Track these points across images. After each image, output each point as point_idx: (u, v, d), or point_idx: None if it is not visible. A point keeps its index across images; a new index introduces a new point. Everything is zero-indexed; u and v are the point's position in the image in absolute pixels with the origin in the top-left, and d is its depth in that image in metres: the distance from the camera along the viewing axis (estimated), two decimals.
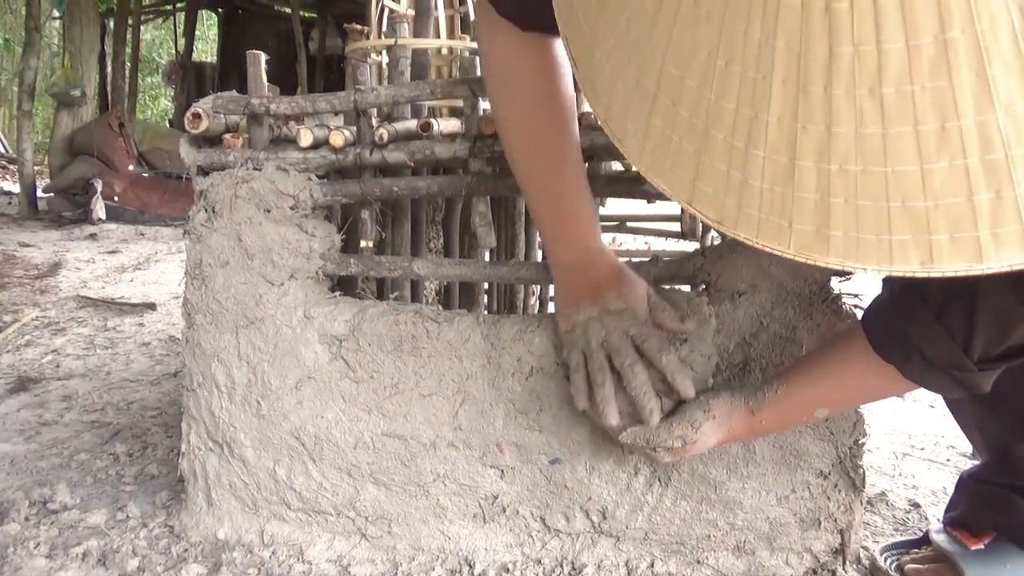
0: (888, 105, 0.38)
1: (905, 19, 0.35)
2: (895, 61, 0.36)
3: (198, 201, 1.12)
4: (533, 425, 1.05)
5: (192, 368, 1.14)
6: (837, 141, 0.39)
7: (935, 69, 0.36)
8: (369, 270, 1.14)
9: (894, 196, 0.40)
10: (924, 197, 0.39)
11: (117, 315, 2.67)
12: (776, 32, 0.38)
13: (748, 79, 0.41)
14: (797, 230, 0.43)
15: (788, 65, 0.39)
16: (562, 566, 1.08)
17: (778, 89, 0.40)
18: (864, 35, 0.36)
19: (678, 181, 0.47)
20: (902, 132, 0.38)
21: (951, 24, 0.35)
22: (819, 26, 0.37)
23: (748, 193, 0.44)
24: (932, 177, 0.38)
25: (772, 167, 0.42)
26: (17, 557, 1.09)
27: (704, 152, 0.44)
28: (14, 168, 7.56)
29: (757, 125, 0.41)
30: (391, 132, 1.09)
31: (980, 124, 0.36)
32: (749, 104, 0.41)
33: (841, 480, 1.03)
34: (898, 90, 0.37)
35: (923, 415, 1.83)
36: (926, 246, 0.40)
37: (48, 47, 9.88)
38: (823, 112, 0.39)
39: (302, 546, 1.13)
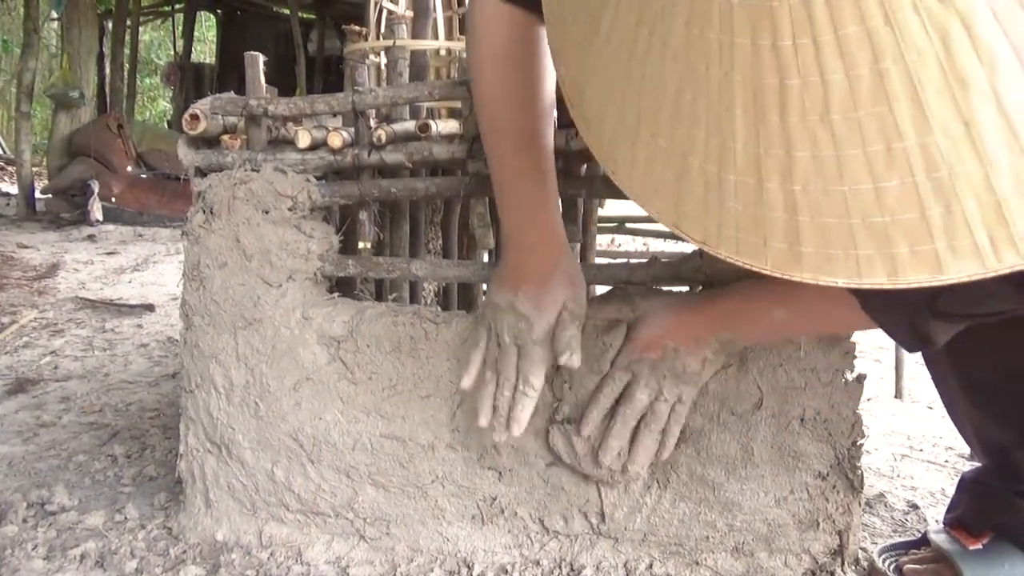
0: (838, 130, 0.41)
1: (842, 53, 0.39)
2: (838, 90, 0.40)
3: (196, 202, 1.12)
4: (529, 427, 1.05)
5: (190, 369, 1.14)
6: (797, 164, 0.43)
7: (874, 96, 0.39)
8: (367, 271, 1.14)
9: (854, 213, 0.42)
10: (881, 213, 0.42)
11: (115, 316, 2.67)
12: (733, 68, 0.42)
13: (713, 111, 0.44)
14: (772, 247, 0.46)
15: (745, 97, 0.42)
16: (561, 567, 1.08)
17: (740, 119, 0.43)
18: (808, 68, 0.40)
19: (664, 206, 0.50)
20: (853, 154, 0.41)
21: (883, 56, 0.38)
22: (768, 62, 0.41)
23: (725, 214, 0.47)
24: (886, 194, 0.41)
25: (743, 189, 0.45)
26: (15, 559, 1.09)
27: (683, 178, 0.48)
28: (12, 169, 7.55)
29: (726, 151, 0.45)
30: (389, 133, 1.09)
31: (922, 145, 0.39)
32: (717, 133, 0.45)
33: (839, 481, 1.03)
34: (844, 116, 0.40)
35: (922, 417, 1.83)
36: (890, 260, 0.43)
37: (46, 48, 9.87)
38: (781, 138, 0.42)
39: (300, 547, 1.13)
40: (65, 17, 6.09)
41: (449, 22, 1.67)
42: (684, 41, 0.43)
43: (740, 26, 0.41)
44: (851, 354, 1.01)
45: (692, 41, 0.43)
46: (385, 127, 1.10)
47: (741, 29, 0.41)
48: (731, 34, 0.41)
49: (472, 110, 1.09)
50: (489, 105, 0.93)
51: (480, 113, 0.95)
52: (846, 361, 1.01)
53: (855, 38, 0.38)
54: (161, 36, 14.02)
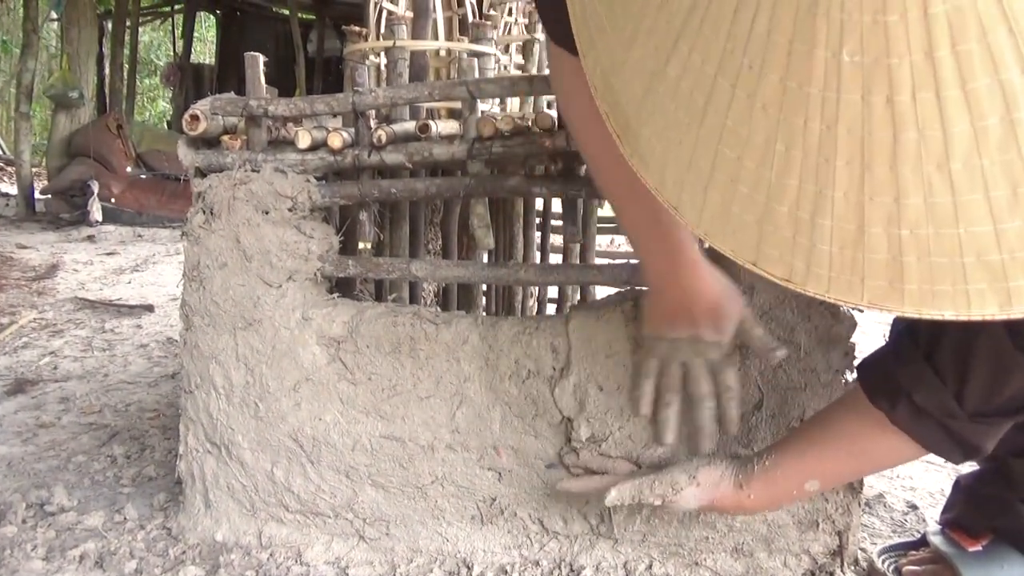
0: (957, 177, 0.39)
1: (970, 105, 0.37)
2: (961, 141, 0.38)
3: (196, 203, 1.12)
4: (529, 429, 1.05)
5: (190, 370, 1.14)
6: (906, 211, 0.41)
7: (1003, 145, 0.38)
8: (367, 272, 1.14)
9: (968, 252, 0.41)
10: (999, 251, 0.41)
11: (115, 317, 2.67)
12: (837, 122, 0.40)
13: (811, 162, 0.42)
14: (870, 285, 0.45)
15: (851, 149, 0.41)
16: (560, 568, 1.08)
17: (842, 169, 0.42)
18: (928, 121, 0.38)
19: (741, 245, 0.49)
20: (973, 199, 0.40)
21: (1016, 106, 0.37)
22: (881, 116, 0.39)
23: (816, 255, 0.45)
24: (1006, 234, 0.40)
25: (840, 234, 0.44)
26: (14, 559, 1.08)
27: (767, 221, 0.46)
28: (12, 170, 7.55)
29: (822, 199, 0.43)
30: (389, 134, 1.09)
31: None
32: (813, 182, 0.43)
33: None
34: (966, 165, 0.39)
35: None
36: (1004, 292, 0.42)
37: (46, 49, 9.87)
38: (890, 186, 0.41)
39: (300, 548, 1.13)
40: (64, 17, 6.08)
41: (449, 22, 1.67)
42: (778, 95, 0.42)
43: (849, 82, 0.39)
44: (851, 355, 1.01)
45: (789, 95, 0.42)
46: (385, 128, 1.10)
47: (851, 85, 0.39)
48: (837, 90, 0.40)
49: (471, 111, 1.09)
50: (592, 159, 0.94)
51: (591, 172, 0.96)
52: (846, 362, 1.01)
53: (986, 90, 0.37)
54: (161, 36, 14.01)
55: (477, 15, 1.72)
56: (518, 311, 1.67)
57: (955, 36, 0.36)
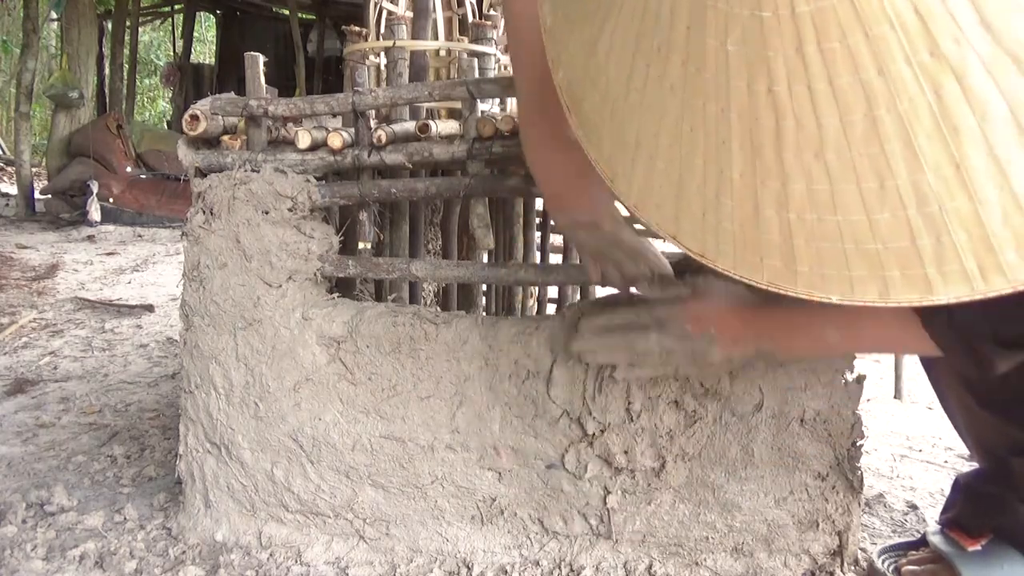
0: (832, 167, 0.43)
1: (837, 100, 0.41)
2: (833, 133, 0.42)
3: (196, 203, 1.12)
4: (529, 430, 1.05)
5: (190, 370, 1.14)
6: (792, 195, 0.45)
7: (868, 139, 0.41)
8: (367, 272, 1.14)
9: (848, 239, 0.45)
10: (874, 240, 0.44)
11: (115, 317, 2.67)
12: (729, 107, 0.44)
13: (711, 142, 0.46)
14: (768, 265, 0.48)
15: (742, 133, 0.44)
16: (560, 568, 1.08)
17: (736, 151, 0.45)
18: (803, 112, 0.42)
19: (662, 219, 0.52)
20: (847, 188, 0.43)
21: (876, 104, 0.40)
22: (765, 104, 0.43)
23: (723, 233, 0.49)
24: (878, 225, 0.44)
25: (740, 213, 0.47)
26: (14, 559, 1.08)
27: (681, 197, 0.50)
28: (11, 170, 7.55)
29: (723, 179, 0.47)
30: (389, 134, 1.09)
31: (914, 183, 0.42)
32: (714, 162, 0.47)
33: (839, 482, 1.03)
34: (839, 155, 0.42)
35: (921, 417, 1.83)
36: (881, 281, 0.45)
37: (46, 49, 9.87)
38: (777, 171, 0.44)
39: (300, 548, 1.13)
40: (64, 17, 6.09)
41: (449, 22, 1.67)
42: (681, 78, 0.45)
43: (736, 70, 0.42)
44: (851, 355, 1.01)
45: (689, 78, 0.45)
46: (385, 128, 1.10)
47: (737, 73, 0.42)
48: (727, 76, 0.43)
49: (471, 111, 1.09)
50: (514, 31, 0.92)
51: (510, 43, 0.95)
52: (846, 362, 1.01)
53: (849, 87, 0.40)
54: (160, 36, 14.02)
55: (477, 15, 1.72)
56: (518, 311, 1.67)
57: (819, 35, 0.39)
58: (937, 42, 0.38)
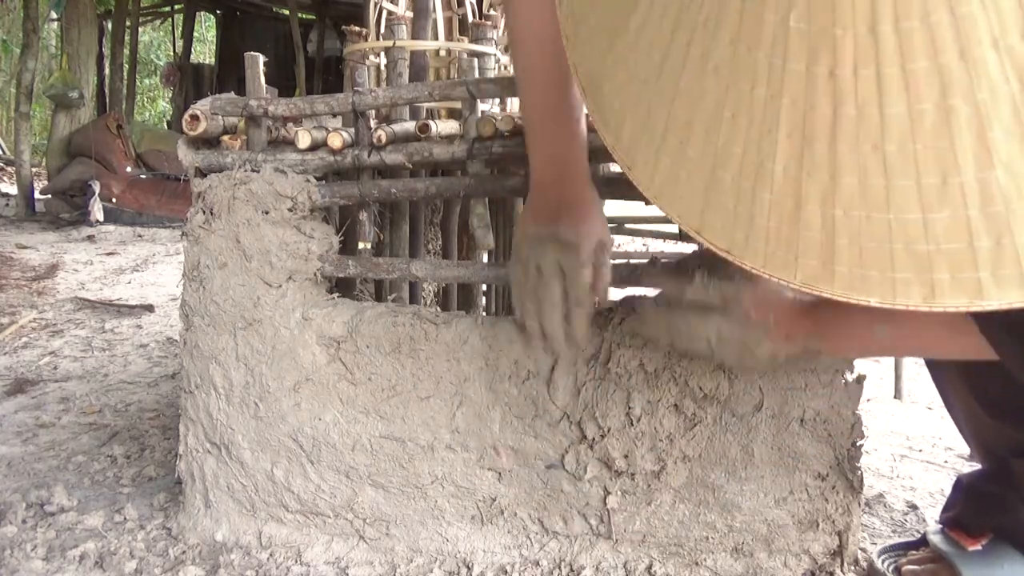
0: (891, 160, 0.40)
1: (908, 87, 0.37)
2: (897, 123, 0.38)
3: (196, 203, 1.12)
4: (528, 430, 1.05)
5: (190, 370, 1.14)
6: (841, 190, 0.42)
7: (937, 131, 0.38)
8: (367, 272, 1.14)
9: (897, 239, 0.42)
10: (926, 242, 0.41)
11: (115, 317, 2.67)
12: (782, 92, 0.41)
13: (755, 130, 0.43)
14: (803, 264, 0.45)
15: (793, 121, 0.41)
16: (560, 568, 1.08)
17: (783, 141, 0.42)
18: (867, 99, 0.39)
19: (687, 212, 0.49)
20: (905, 184, 0.40)
21: (952, 93, 0.37)
22: (824, 89, 0.39)
23: (755, 229, 0.46)
24: (934, 225, 0.41)
25: (778, 208, 0.44)
26: (14, 559, 1.08)
27: (712, 189, 0.47)
28: (11, 170, 7.55)
29: (763, 170, 0.44)
30: (389, 134, 1.10)
31: (981, 180, 0.39)
32: (755, 152, 0.43)
33: (839, 482, 1.03)
34: (900, 148, 0.39)
35: (921, 417, 1.83)
36: (928, 284, 0.42)
37: (46, 49, 9.87)
38: (827, 163, 0.41)
39: (300, 548, 1.13)
40: (64, 17, 6.09)
41: (449, 22, 1.67)
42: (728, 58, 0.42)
43: (795, 51, 0.39)
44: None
45: (738, 59, 0.42)
46: (385, 128, 1.10)
47: (796, 53, 0.39)
48: (783, 58, 0.40)
49: (471, 111, 1.09)
50: (521, 44, 0.93)
51: (513, 51, 0.96)
52: (846, 362, 1.01)
53: (924, 72, 0.37)
54: (160, 36, 14.02)
55: (477, 15, 1.72)
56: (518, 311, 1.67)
57: (899, 11, 0.36)
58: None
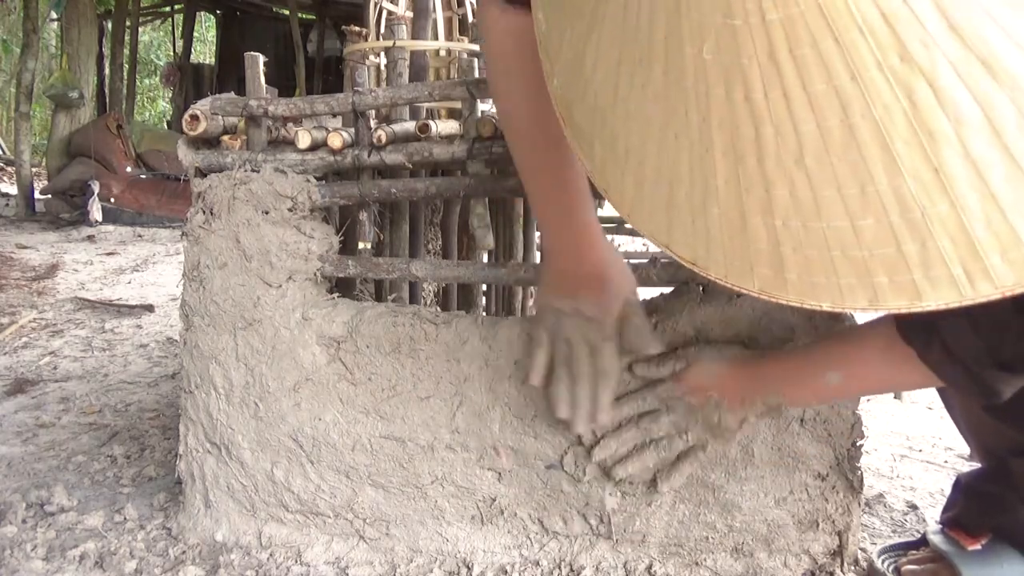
0: (812, 173, 0.43)
1: (812, 107, 0.41)
2: (811, 139, 0.42)
3: (196, 203, 1.12)
4: (528, 430, 1.05)
5: (190, 370, 1.14)
6: (776, 201, 0.45)
7: (846, 145, 0.41)
8: (367, 272, 1.14)
9: (834, 246, 0.45)
10: (859, 247, 0.44)
11: (115, 317, 2.67)
12: (710, 115, 0.44)
13: (696, 150, 0.46)
14: (758, 273, 0.48)
15: (724, 141, 0.44)
16: (560, 568, 1.08)
17: (720, 159, 0.45)
18: (781, 119, 0.42)
19: (655, 228, 0.52)
20: (829, 195, 0.43)
21: (851, 111, 0.40)
22: (743, 112, 0.43)
23: (712, 241, 0.49)
24: (863, 231, 0.43)
25: (727, 221, 0.47)
26: (14, 559, 1.08)
27: (671, 206, 0.50)
28: (11, 170, 7.55)
29: (709, 186, 0.47)
30: (389, 134, 1.10)
31: (894, 188, 0.41)
32: (700, 169, 0.47)
33: (839, 482, 1.03)
34: (818, 161, 0.42)
35: (921, 417, 1.83)
36: (870, 287, 0.45)
37: (46, 49, 9.87)
38: (760, 178, 0.44)
39: (300, 548, 1.13)
40: (64, 17, 6.09)
41: (449, 22, 1.67)
42: (663, 87, 0.45)
43: (714, 78, 0.42)
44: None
45: (670, 87, 0.45)
46: (385, 128, 1.10)
47: (715, 81, 0.42)
48: (706, 85, 0.43)
49: (471, 111, 1.09)
50: (504, 111, 0.94)
51: (499, 118, 0.96)
52: None
53: (823, 94, 0.40)
54: (160, 36, 14.02)
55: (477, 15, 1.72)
56: (518, 311, 1.67)
57: (791, 41, 0.39)
58: (906, 47, 0.38)
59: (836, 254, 0.45)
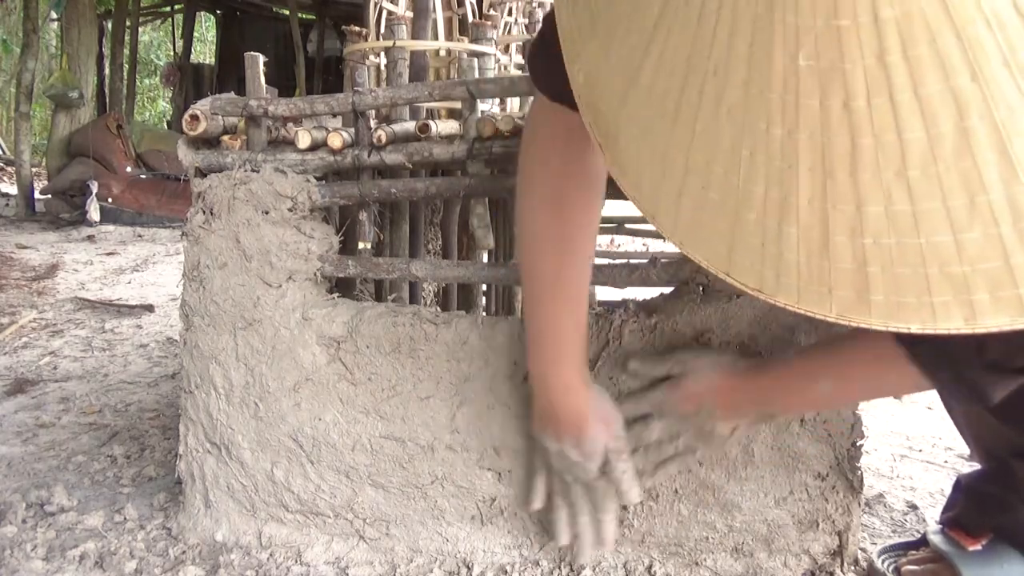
0: (915, 185, 0.39)
1: (923, 111, 0.37)
2: (917, 147, 0.38)
3: (196, 203, 1.12)
4: (528, 430, 1.05)
5: (190, 370, 1.14)
6: (868, 218, 0.41)
7: (958, 152, 0.38)
8: (367, 272, 1.14)
9: (931, 263, 0.41)
10: (960, 263, 0.40)
11: (115, 317, 2.67)
12: (798, 127, 0.41)
13: (775, 167, 0.43)
14: (838, 296, 0.44)
15: (812, 155, 0.41)
16: (560, 568, 1.08)
17: (805, 175, 0.42)
18: (884, 127, 0.38)
19: (714, 254, 0.49)
20: (932, 207, 0.40)
21: (968, 114, 0.37)
22: (839, 122, 0.39)
23: (785, 265, 0.45)
24: (967, 245, 0.40)
25: (806, 242, 0.44)
26: (14, 559, 1.08)
27: (736, 229, 0.46)
28: (11, 170, 7.55)
29: (787, 206, 0.43)
30: (389, 134, 1.10)
31: (1009, 197, 0.38)
32: (778, 188, 0.43)
33: (839, 482, 1.03)
34: (924, 172, 0.39)
35: (921, 417, 1.83)
36: (968, 305, 0.42)
37: (46, 49, 9.87)
38: (851, 193, 0.41)
39: (300, 548, 1.13)
40: (64, 17, 6.09)
41: (449, 23, 1.67)
42: (742, 100, 0.42)
43: (807, 87, 0.39)
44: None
45: (751, 100, 0.42)
46: (385, 128, 1.10)
47: (808, 90, 0.40)
48: (796, 95, 0.40)
49: (471, 111, 1.09)
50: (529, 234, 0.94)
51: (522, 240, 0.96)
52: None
53: (937, 96, 0.37)
54: (160, 36, 14.02)
55: (477, 15, 1.72)
56: (518, 311, 1.67)
57: (905, 40, 0.36)
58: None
59: (932, 271, 0.41)
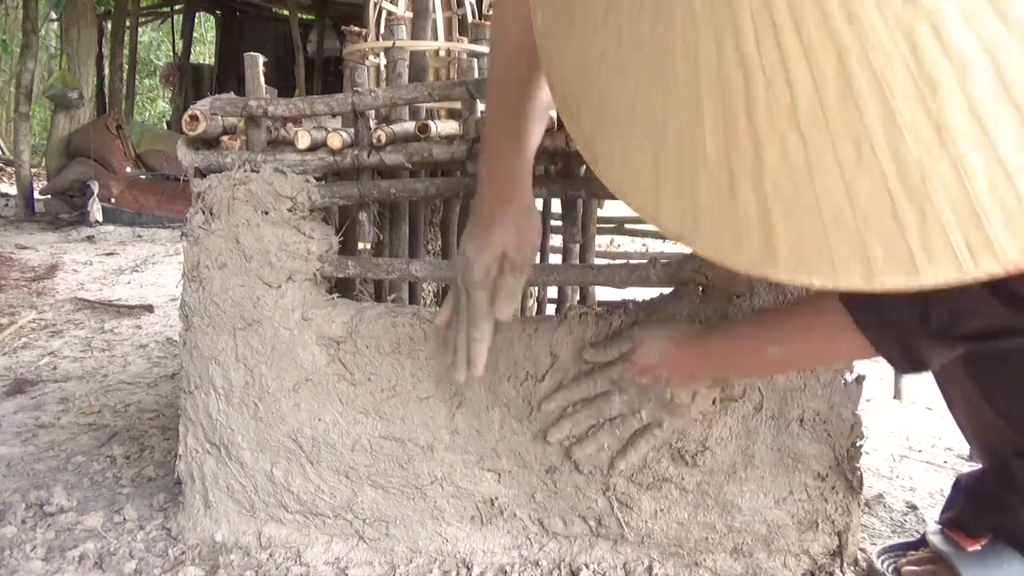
0: (806, 130, 0.40)
1: (807, 54, 0.38)
2: (804, 91, 0.39)
3: (196, 203, 1.12)
4: (527, 431, 1.05)
5: (189, 370, 1.14)
6: (767, 163, 0.42)
7: (842, 98, 0.39)
8: (367, 272, 1.14)
9: (827, 214, 0.42)
10: (854, 215, 0.41)
11: (114, 317, 2.67)
12: (699, 69, 0.42)
13: (684, 111, 0.44)
14: (747, 247, 0.45)
15: (713, 98, 0.42)
16: (560, 568, 1.08)
17: (708, 119, 0.43)
18: (773, 69, 0.40)
19: (643, 201, 0.50)
20: (823, 155, 0.41)
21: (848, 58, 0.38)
22: (732, 62, 0.41)
23: (700, 210, 0.47)
24: (858, 195, 0.41)
25: (715, 188, 0.45)
26: (14, 560, 1.08)
27: (658, 174, 0.48)
28: (11, 170, 7.55)
29: (697, 151, 0.45)
30: (389, 134, 1.09)
31: (893, 148, 0.39)
32: (688, 132, 0.44)
33: (839, 482, 1.03)
34: (812, 117, 0.40)
35: (921, 417, 1.83)
36: (864, 262, 0.42)
37: (45, 49, 9.88)
38: (750, 138, 0.42)
39: (300, 548, 1.13)
40: (64, 18, 6.09)
41: (449, 23, 1.67)
42: (651, 42, 0.44)
43: (703, 29, 0.41)
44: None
45: (658, 42, 0.43)
46: (384, 128, 1.10)
47: (704, 32, 0.41)
48: (695, 36, 0.41)
49: (471, 111, 1.09)
50: (496, 40, 0.93)
51: (490, 48, 0.95)
52: (845, 362, 1.01)
53: (818, 39, 0.38)
54: (160, 37, 14.02)
55: (477, 15, 1.72)
56: (517, 311, 1.67)
57: None
58: None
59: (829, 222, 0.42)
